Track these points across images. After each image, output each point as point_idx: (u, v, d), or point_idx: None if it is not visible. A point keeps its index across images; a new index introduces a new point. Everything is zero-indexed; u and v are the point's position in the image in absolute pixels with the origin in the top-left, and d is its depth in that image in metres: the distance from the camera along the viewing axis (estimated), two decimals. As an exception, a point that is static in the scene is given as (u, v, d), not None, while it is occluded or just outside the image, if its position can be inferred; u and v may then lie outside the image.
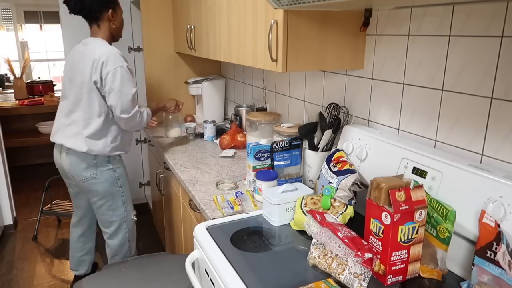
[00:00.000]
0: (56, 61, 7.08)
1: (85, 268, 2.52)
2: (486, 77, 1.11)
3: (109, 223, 2.23)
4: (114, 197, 2.17)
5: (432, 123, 1.30)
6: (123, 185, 2.20)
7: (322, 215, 1.15)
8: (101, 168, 2.09)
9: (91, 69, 1.93)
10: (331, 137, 1.60)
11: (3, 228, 3.37)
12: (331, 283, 1.00)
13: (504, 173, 1.02)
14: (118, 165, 2.16)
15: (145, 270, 1.63)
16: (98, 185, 2.11)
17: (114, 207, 2.19)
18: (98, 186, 2.11)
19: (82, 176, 2.09)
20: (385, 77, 1.47)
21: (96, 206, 2.20)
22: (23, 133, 4.41)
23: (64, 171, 2.17)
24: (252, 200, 1.59)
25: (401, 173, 1.25)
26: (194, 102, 3.16)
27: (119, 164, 2.17)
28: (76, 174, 2.10)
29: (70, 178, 2.17)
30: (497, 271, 0.91)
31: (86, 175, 2.09)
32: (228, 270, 1.09)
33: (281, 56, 1.42)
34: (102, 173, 2.10)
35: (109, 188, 2.14)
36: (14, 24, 6.58)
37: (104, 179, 2.11)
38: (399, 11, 1.38)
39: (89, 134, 2.01)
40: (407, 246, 1.02)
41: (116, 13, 2.09)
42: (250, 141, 1.88)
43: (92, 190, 2.13)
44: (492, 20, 1.08)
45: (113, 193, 2.16)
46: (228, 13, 1.87)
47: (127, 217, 2.26)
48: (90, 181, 2.10)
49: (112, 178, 2.14)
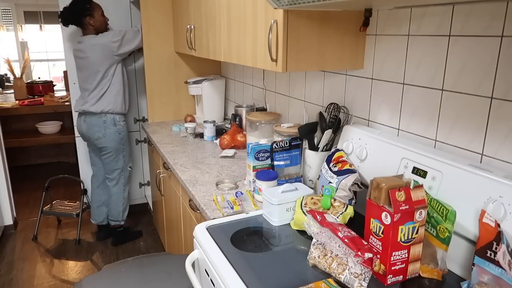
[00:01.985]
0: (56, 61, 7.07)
1: (102, 217, 3.23)
2: (486, 77, 1.12)
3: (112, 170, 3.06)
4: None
5: (432, 123, 1.30)
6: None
7: (322, 215, 1.15)
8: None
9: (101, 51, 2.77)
10: (331, 137, 1.60)
11: (3, 228, 3.37)
12: (331, 283, 1.00)
13: (504, 173, 1.02)
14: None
15: (145, 270, 1.63)
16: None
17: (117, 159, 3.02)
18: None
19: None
20: (385, 77, 1.47)
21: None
22: (23, 133, 4.41)
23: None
24: (252, 200, 1.59)
25: (401, 173, 1.25)
26: (194, 102, 3.16)
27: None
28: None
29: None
30: (497, 271, 0.91)
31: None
32: (228, 270, 1.09)
33: (281, 56, 1.42)
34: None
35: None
36: (14, 24, 6.57)
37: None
38: (399, 11, 1.38)
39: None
40: (407, 246, 1.02)
41: (94, 17, 2.80)
42: (250, 141, 1.88)
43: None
44: (492, 20, 1.08)
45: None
46: (228, 13, 1.87)
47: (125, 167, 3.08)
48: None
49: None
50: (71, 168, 2.84)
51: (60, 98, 4.42)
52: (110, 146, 2.92)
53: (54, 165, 4.97)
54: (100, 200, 3.19)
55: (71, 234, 3.37)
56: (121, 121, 2.93)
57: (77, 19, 2.79)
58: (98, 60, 2.78)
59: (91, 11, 2.79)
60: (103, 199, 3.18)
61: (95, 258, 3.02)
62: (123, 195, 3.10)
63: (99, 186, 3.19)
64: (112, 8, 3.22)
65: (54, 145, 4.86)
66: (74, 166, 3.41)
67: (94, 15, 2.80)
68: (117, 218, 3.14)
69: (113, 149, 2.93)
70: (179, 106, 3.13)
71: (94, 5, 2.81)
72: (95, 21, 2.80)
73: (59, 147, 4.94)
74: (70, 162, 4.89)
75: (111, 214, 3.14)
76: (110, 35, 2.78)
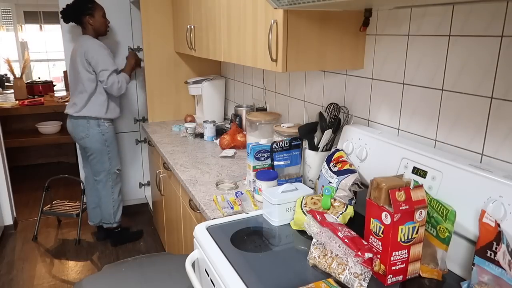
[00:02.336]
0: (56, 61, 7.07)
1: (98, 219, 3.20)
2: (486, 77, 1.11)
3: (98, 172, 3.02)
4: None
5: (432, 123, 1.30)
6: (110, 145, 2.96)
7: (322, 215, 1.15)
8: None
9: (80, 57, 2.73)
10: (331, 137, 1.60)
11: (3, 228, 3.37)
12: (331, 283, 1.00)
13: (504, 173, 1.02)
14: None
15: (145, 270, 1.63)
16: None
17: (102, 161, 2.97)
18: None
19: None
20: (385, 77, 1.47)
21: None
22: (23, 133, 4.41)
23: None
24: (252, 200, 1.59)
25: (401, 173, 1.25)
26: (194, 102, 3.16)
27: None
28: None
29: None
30: (497, 271, 0.91)
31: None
32: (228, 270, 1.09)
33: (281, 56, 1.42)
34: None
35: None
36: (14, 24, 6.57)
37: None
38: (399, 11, 1.38)
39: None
40: (407, 246, 1.02)
41: (94, 17, 2.81)
42: (250, 141, 1.88)
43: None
44: (492, 20, 1.08)
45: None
46: (228, 13, 1.87)
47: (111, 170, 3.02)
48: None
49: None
50: (71, 168, 2.83)
51: (60, 98, 4.42)
52: (94, 147, 2.89)
53: (54, 165, 4.97)
54: (94, 201, 3.18)
55: (71, 234, 3.37)
56: (105, 123, 2.88)
57: (78, 17, 2.80)
58: (81, 66, 2.75)
59: (92, 10, 2.80)
60: (97, 201, 3.16)
61: (95, 258, 3.02)
62: (112, 197, 3.06)
63: (92, 188, 3.16)
64: (112, 8, 3.22)
65: (54, 145, 4.86)
66: (74, 166, 3.41)
67: (95, 15, 2.81)
68: (109, 221, 3.11)
69: (97, 150, 2.90)
70: (179, 106, 3.13)
71: (96, 5, 2.83)
72: (94, 21, 2.81)
73: (59, 147, 4.94)
74: (70, 162, 4.89)
75: (103, 216, 3.12)
76: (101, 63, 2.71)
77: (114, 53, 3.30)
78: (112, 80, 2.73)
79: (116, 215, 3.11)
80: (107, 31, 2.94)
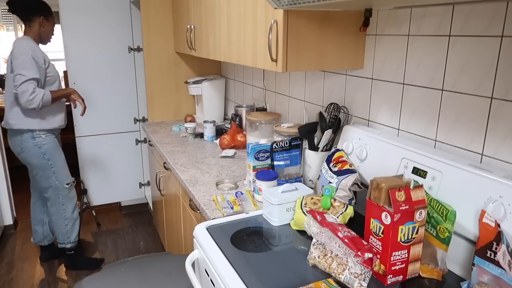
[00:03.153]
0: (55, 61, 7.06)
1: (38, 238, 2.91)
2: (486, 77, 1.12)
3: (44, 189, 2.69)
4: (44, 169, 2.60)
5: (432, 123, 1.30)
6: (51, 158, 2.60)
7: (322, 215, 1.15)
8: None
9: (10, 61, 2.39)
10: (331, 137, 1.60)
11: (3, 228, 3.37)
12: (331, 283, 1.00)
13: (504, 173, 1.02)
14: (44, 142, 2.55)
15: (145, 270, 1.63)
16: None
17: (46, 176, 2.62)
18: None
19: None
20: (385, 77, 1.47)
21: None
22: (23, 133, 4.40)
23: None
24: (252, 200, 1.59)
25: (401, 173, 1.25)
26: (194, 102, 3.16)
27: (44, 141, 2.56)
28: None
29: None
30: (497, 271, 0.91)
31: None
32: (228, 270, 1.09)
33: (281, 56, 1.42)
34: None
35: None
36: (14, 24, 6.57)
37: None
38: (399, 11, 1.38)
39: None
40: (407, 246, 1.02)
41: (48, 21, 2.52)
42: (250, 141, 1.88)
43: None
44: (492, 20, 1.08)
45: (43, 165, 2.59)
46: (228, 13, 1.87)
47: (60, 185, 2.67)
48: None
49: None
50: (71, 168, 2.81)
51: (60, 98, 4.41)
52: (32, 162, 2.56)
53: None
54: (36, 218, 2.89)
55: (71, 234, 3.37)
56: (42, 134, 2.53)
57: (32, 12, 2.46)
58: (9, 71, 2.41)
59: (50, 15, 2.55)
60: (39, 218, 2.88)
61: (50, 239, 2.97)
62: (64, 215, 2.72)
63: (35, 203, 2.88)
64: (112, 8, 3.22)
65: (54, 145, 4.85)
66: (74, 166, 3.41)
67: (49, 20, 2.55)
68: (62, 240, 2.77)
69: (37, 165, 2.57)
70: (179, 106, 3.13)
71: (53, 14, 2.58)
72: (46, 25, 2.52)
73: (59, 147, 4.93)
74: (70, 162, 4.88)
75: (56, 235, 2.81)
76: (20, 66, 2.31)
77: (114, 53, 3.30)
78: (25, 87, 2.31)
79: (71, 234, 2.77)
80: (50, 41, 2.61)
